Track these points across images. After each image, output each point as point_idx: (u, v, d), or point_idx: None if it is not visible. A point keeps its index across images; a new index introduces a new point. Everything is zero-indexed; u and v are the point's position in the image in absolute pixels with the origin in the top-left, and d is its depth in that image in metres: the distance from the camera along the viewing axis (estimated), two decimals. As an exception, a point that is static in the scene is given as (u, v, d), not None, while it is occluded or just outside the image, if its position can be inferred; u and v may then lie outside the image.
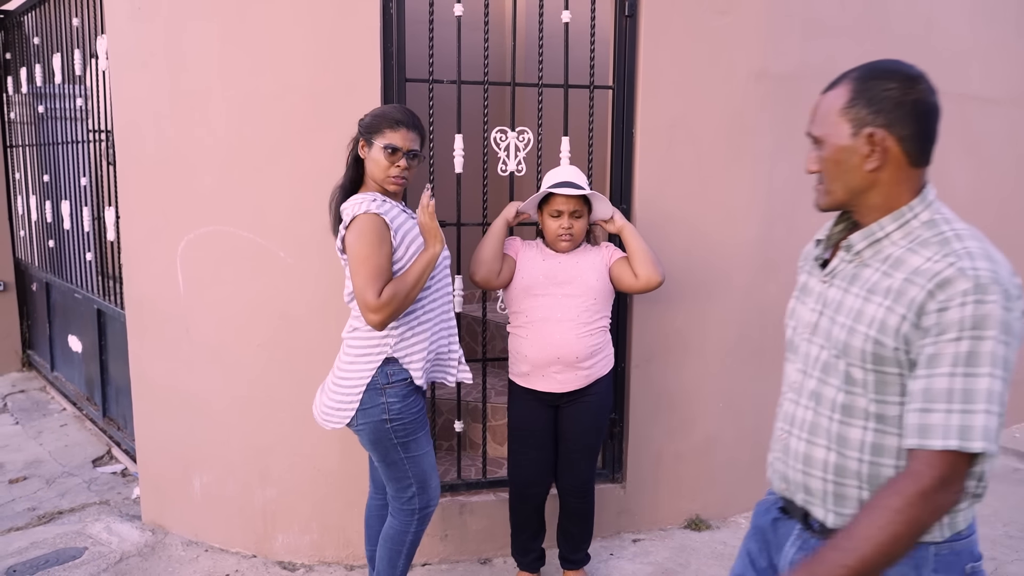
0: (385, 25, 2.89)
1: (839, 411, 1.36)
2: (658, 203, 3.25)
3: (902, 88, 1.31)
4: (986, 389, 1.19)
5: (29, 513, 3.56)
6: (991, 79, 4.47)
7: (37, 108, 5.14)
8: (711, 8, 3.25)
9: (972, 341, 1.19)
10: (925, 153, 1.35)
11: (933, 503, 1.19)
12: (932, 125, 1.34)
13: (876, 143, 1.31)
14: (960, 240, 1.28)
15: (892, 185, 1.34)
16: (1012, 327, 1.21)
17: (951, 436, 1.18)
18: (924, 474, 1.20)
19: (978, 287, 1.20)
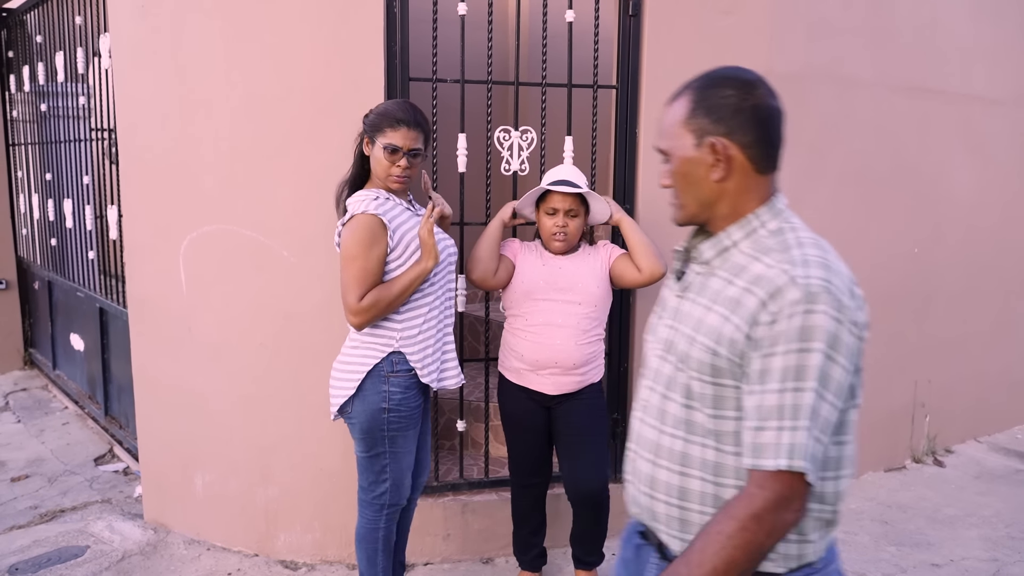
0: (389, 24, 2.88)
1: (681, 428, 1.29)
2: (661, 203, 3.22)
3: (739, 94, 1.27)
4: (809, 406, 1.13)
5: (31, 511, 3.56)
6: (996, 80, 4.46)
7: (39, 106, 5.14)
8: (715, 8, 3.24)
9: (799, 354, 1.14)
10: (771, 159, 1.31)
11: (768, 525, 1.13)
12: (774, 130, 1.30)
13: (719, 152, 1.27)
14: (800, 247, 1.23)
15: (739, 194, 1.30)
16: (841, 340, 1.15)
17: (781, 455, 1.13)
18: (757, 495, 1.14)
19: (808, 296, 1.15)
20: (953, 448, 4.58)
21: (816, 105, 3.63)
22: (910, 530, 3.55)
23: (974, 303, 4.60)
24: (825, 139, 3.69)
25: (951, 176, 4.34)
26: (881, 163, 3.97)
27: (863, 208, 3.92)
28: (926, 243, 4.25)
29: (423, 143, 2.43)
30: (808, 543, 1.26)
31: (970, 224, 4.48)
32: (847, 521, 3.62)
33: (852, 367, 1.19)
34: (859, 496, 3.91)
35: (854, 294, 1.21)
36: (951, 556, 3.32)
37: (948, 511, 3.76)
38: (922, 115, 4.11)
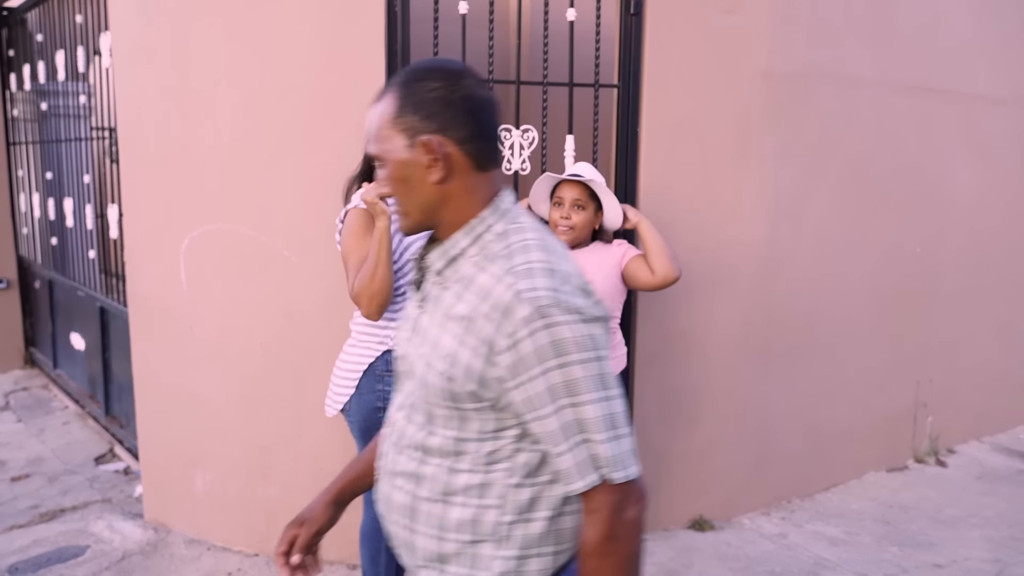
0: (390, 23, 2.88)
1: (419, 450, 1.22)
2: (663, 202, 3.23)
3: (447, 86, 1.17)
4: (597, 416, 1.09)
5: (31, 511, 3.56)
6: (998, 79, 4.45)
7: (40, 105, 5.14)
8: (717, 7, 3.23)
9: (561, 371, 1.08)
10: (490, 153, 1.21)
11: (624, 535, 1.11)
12: (489, 122, 1.21)
13: (435, 151, 1.16)
14: (524, 252, 1.14)
15: (462, 196, 1.20)
16: (593, 338, 1.10)
17: (585, 473, 1.10)
18: (592, 521, 1.11)
19: (539, 311, 1.07)
20: (955, 448, 4.57)
21: (817, 105, 3.62)
22: (912, 530, 3.54)
23: (977, 303, 4.59)
24: (826, 139, 3.68)
25: (953, 176, 4.33)
26: (883, 163, 3.96)
27: (865, 208, 3.91)
28: (928, 243, 4.25)
29: None
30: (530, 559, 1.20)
31: (972, 224, 4.47)
32: (849, 521, 3.61)
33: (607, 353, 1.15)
34: (861, 496, 3.90)
35: (587, 291, 1.14)
36: (953, 557, 3.31)
37: (950, 511, 3.75)
38: (924, 115, 4.10)
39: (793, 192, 3.58)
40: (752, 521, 3.60)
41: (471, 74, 1.20)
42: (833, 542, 3.41)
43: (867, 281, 3.97)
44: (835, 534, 3.48)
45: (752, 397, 3.60)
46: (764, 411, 3.67)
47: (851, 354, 3.97)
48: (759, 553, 3.30)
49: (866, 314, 4.00)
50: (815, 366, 3.83)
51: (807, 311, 3.74)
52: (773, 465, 3.73)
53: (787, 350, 3.69)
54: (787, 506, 3.77)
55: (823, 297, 3.80)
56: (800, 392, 3.79)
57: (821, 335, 3.82)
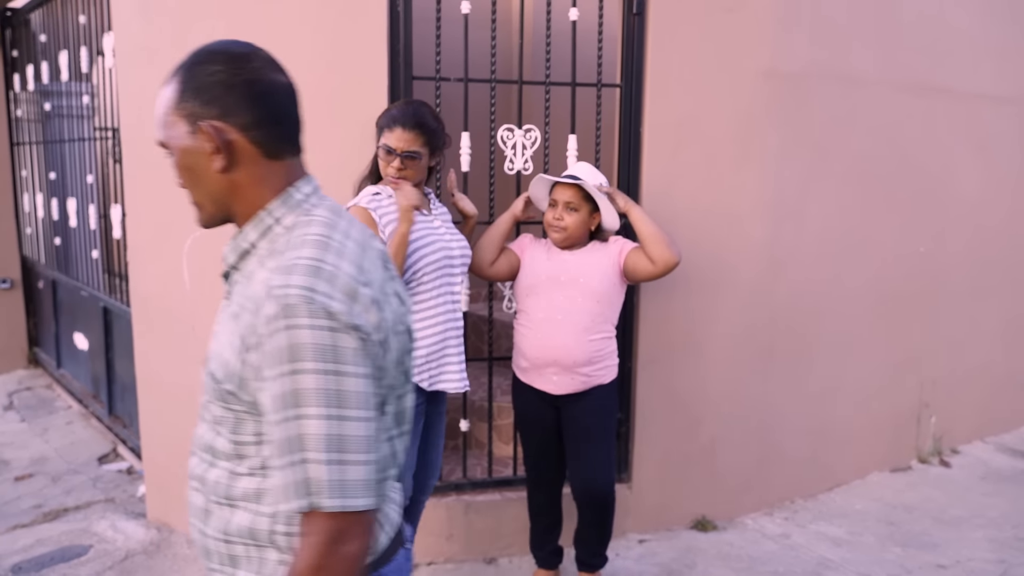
0: (392, 23, 2.88)
1: (206, 451, 1.17)
2: (665, 202, 3.23)
3: (229, 69, 1.10)
4: (320, 435, 1.00)
5: (35, 510, 3.56)
6: (1002, 78, 4.44)
7: (43, 105, 5.15)
8: (719, 6, 3.23)
9: (292, 377, 1.00)
10: (282, 140, 1.15)
11: (335, 568, 1.01)
12: (279, 106, 1.14)
13: (216, 137, 1.10)
14: (300, 248, 1.07)
15: (252, 186, 1.13)
16: (340, 350, 1.01)
17: (301, 495, 1.01)
18: (305, 544, 1.02)
19: (284, 310, 1.00)
20: (959, 448, 4.56)
21: (820, 104, 3.61)
22: (916, 531, 3.54)
23: (981, 302, 4.57)
24: (829, 138, 3.67)
25: (957, 175, 4.32)
26: (887, 162, 3.95)
27: (868, 208, 3.90)
28: (932, 242, 4.23)
29: (422, 145, 2.42)
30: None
31: (977, 223, 4.46)
32: (852, 521, 3.60)
33: (367, 371, 1.05)
34: (865, 497, 3.89)
35: (358, 296, 1.06)
36: (957, 557, 3.30)
37: (954, 512, 3.74)
38: (928, 114, 4.09)
39: (796, 191, 3.58)
40: (755, 521, 3.60)
41: (260, 57, 1.13)
42: (836, 542, 3.40)
43: (870, 281, 3.96)
44: (838, 534, 3.47)
45: (755, 397, 3.60)
46: (767, 411, 3.66)
47: (854, 354, 3.96)
48: (762, 553, 3.30)
49: (869, 314, 3.99)
50: (818, 366, 3.82)
51: (810, 311, 3.73)
52: (776, 465, 3.72)
53: (790, 350, 3.68)
54: (790, 506, 3.76)
55: (826, 297, 3.79)
56: (803, 392, 3.78)
57: (824, 335, 3.81)
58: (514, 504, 3.20)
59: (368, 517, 1.04)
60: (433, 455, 2.66)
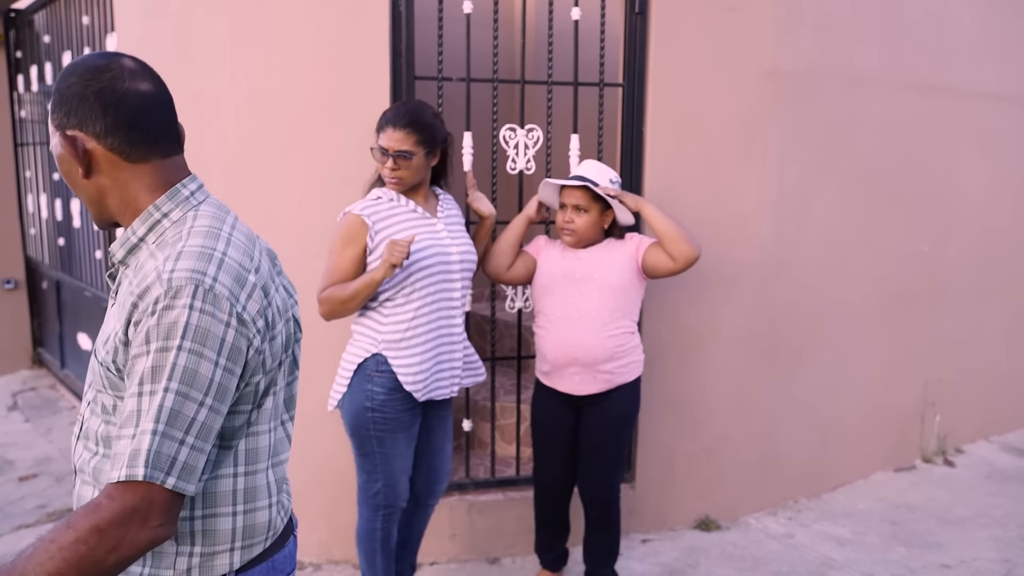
0: (394, 23, 2.88)
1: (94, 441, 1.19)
2: (668, 201, 3.22)
3: (81, 80, 1.14)
4: (160, 407, 1.02)
5: (39, 511, 3.57)
6: (1006, 77, 4.42)
7: (47, 106, 5.15)
8: (722, 5, 3.22)
9: (159, 354, 1.03)
10: (141, 144, 1.17)
11: (112, 540, 1.00)
12: (133, 114, 1.15)
13: (74, 146, 1.15)
14: (188, 238, 1.12)
15: (118, 188, 1.18)
16: (212, 335, 1.05)
17: (127, 464, 1.01)
18: (103, 506, 1.01)
19: (169, 291, 1.05)
20: (963, 448, 4.55)
21: (824, 103, 3.61)
22: (920, 531, 3.53)
23: (985, 301, 4.56)
24: (833, 137, 3.66)
25: (961, 174, 4.31)
26: (890, 161, 3.94)
27: (872, 207, 3.89)
28: (936, 241, 4.22)
29: (415, 144, 2.39)
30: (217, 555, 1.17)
31: (981, 222, 4.44)
32: (856, 521, 3.59)
33: (234, 365, 1.09)
34: (868, 496, 3.88)
35: (245, 282, 1.11)
36: (961, 557, 3.29)
37: (958, 511, 3.73)
38: (932, 112, 4.08)
39: (799, 191, 3.57)
40: (758, 521, 3.59)
41: (118, 67, 1.15)
42: (840, 542, 3.40)
43: (874, 280, 3.95)
44: (842, 534, 3.47)
45: (758, 396, 3.59)
46: (770, 410, 3.66)
47: (858, 353, 3.96)
48: (765, 553, 3.29)
49: (873, 313, 3.98)
50: (821, 365, 3.82)
51: (813, 310, 3.72)
52: (779, 465, 3.72)
53: (793, 349, 3.68)
54: (794, 506, 3.76)
55: (829, 296, 3.78)
56: (806, 391, 3.78)
57: (827, 334, 3.81)
58: (517, 504, 3.20)
59: (174, 508, 1.04)
60: (439, 460, 2.64)
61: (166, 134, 1.21)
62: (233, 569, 1.18)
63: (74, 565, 0.99)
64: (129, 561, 1.04)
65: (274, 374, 1.20)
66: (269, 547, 1.23)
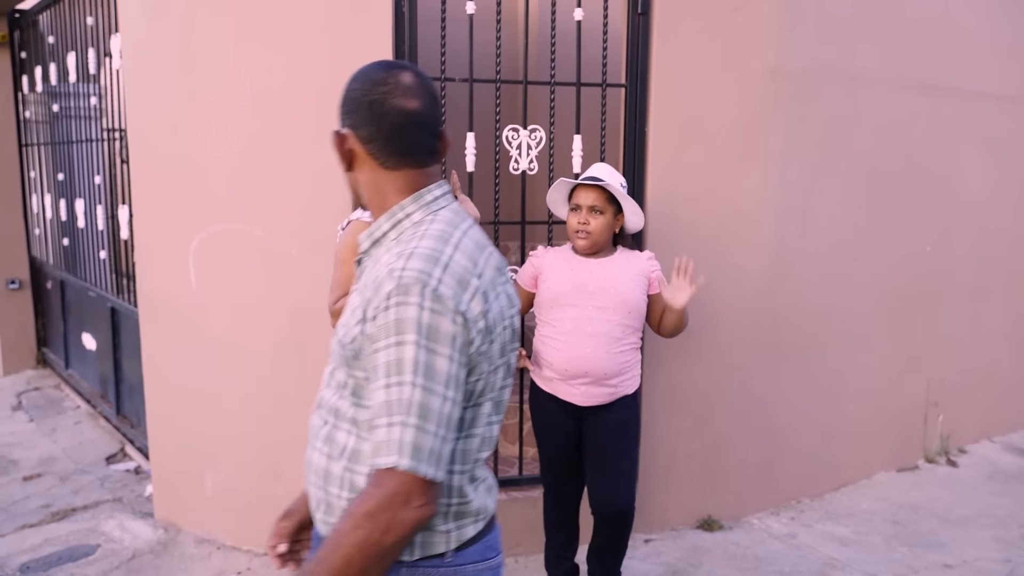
0: (397, 23, 2.88)
1: (331, 414, 1.30)
2: (670, 201, 3.23)
3: (362, 87, 1.27)
4: (410, 401, 1.11)
5: (43, 510, 3.59)
6: (1008, 77, 4.42)
7: (52, 107, 5.17)
8: (725, 5, 3.23)
9: (396, 348, 1.13)
10: (395, 156, 1.28)
11: (384, 523, 1.10)
12: (394, 128, 1.26)
13: (343, 143, 1.29)
14: (420, 239, 1.21)
15: (372, 186, 1.30)
16: (439, 331, 1.13)
17: (391, 452, 1.11)
18: (372, 494, 1.12)
19: (399, 288, 1.13)
20: (966, 448, 4.55)
21: (826, 102, 3.61)
22: (922, 530, 3.53)
23: (987, 301, 4.56)
24: (835, 137, 3.66)
25: (963, 174, 4.30)
26: (892, 161, 3.94)
27: (874, 207, 3.89)
28: (938, 241, 4.22)
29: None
30: (436, 532, 1.25)
31: (983, 222, 4.44)
32: (859, 521, 3.60)
33: (464, 359, 1.16)
34: (871, 496, 3.88)
35: (468, 285, 1.18)
36: (964, 557, 3.29)
37: (961, 511, 3.73)
38: (934, 112, 4.08)
39: (801, 191, 3.57)
40: (761, 521, 3.59)
41: (395, 83, 1.25)
42: (843, 542, 3.40)
43: (876, 280, 3.95)
44: (844, 534, 3.47)
45: (760, 396, 3.59)
46: (773, 410, 3.66)
47: (860, 353, 3.96)
48: (768, 553, 3.29)
49: (875, 313, 3.98)
50: (824, 365, 3.82)
51: (815, 310, 3.72)
52: (782, 465, 3.72)
53: (795, 349, 3.68)
54: (796, 506, 3.76)
55: (832, 296, 3.78)
56: (809, 391, 3.78)
57: (830, 334, 3.81)
58: (520, 503, 3.20)
59: (432, 491, 1.13)
60: None
61: (421, 149, 1.30)
62: (449, 549, 1.26)
63: (358, 549, 1.11)
64: (404, 540, 1.12)
65: (490, 378, 1.25)
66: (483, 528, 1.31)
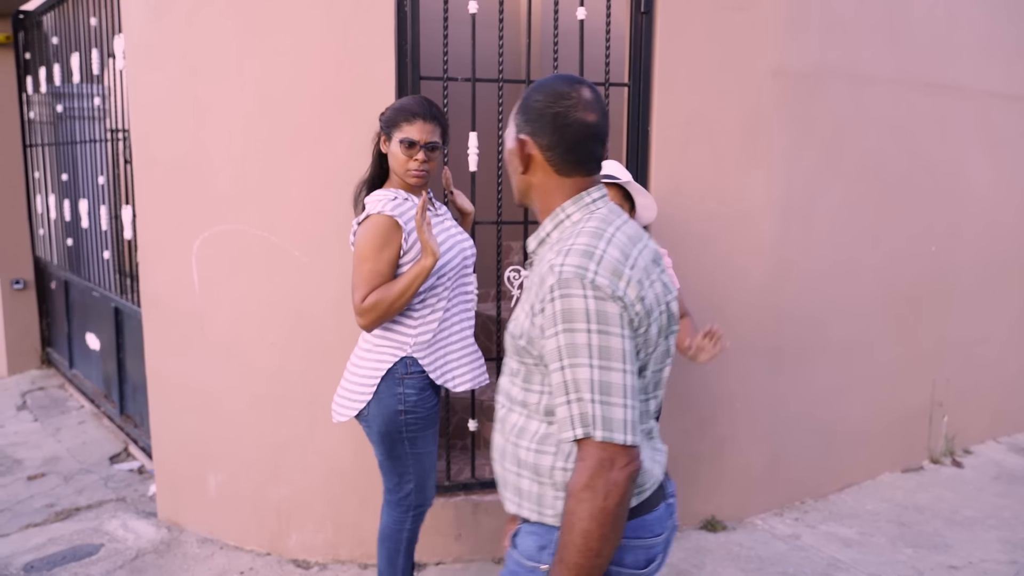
0: (400, 23, 2.88)
1: (505, 398, 1.48)
2: (673, 201, 3.22)
3: (546, 99, 1.40)
4: (589, 379, 1.25)
5: (47, 510, 3.59)
6: (1013, 76, 4.40)
7: (56, 107, 5.19)
8: (728, 5, 3.22)
9: (567, 334, 1.27)
10: (571, 164, 1.42)
11: (601, 489, 1.24)
12: (575, 138, 1.41)
13: (522, 149, 1.43)
14: (577, 236, 1.35)
15: (544, 190, 1.44)
16: (606, 314, 1.27)
17: (576, 426, 1.26)
18: (579, 467, 1.26)
19: (561, 282, 1.28)
20: (972, 449, 4.53)
21: (830, 102, 3.60)
22: (927, 532, 3.51)
23: (993, 302, 4.54)
24: (839, 137, 3.65)
25: (968, 174, 4.29)
26: (897, 161, 3.92)
27: (879, 206, 3.88)
28: (944, 241, 4.21)
29: (440, 136, 2.39)
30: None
31: (988, 222, 4.42)
32: (863, 522, 3.58)
33: (631, 333, 1.30)
34: (876, 497, 3.87)
35: (621, 275, 1.31)
36: (969, 558, 3.28)
37: (966, 512, 3.71)
38: (938, 112, 4.07)
39: (805, 190, 3.56)
40: (765, 522, 3.58)
41: (577, 97, 1.40)
42: (847, 543, 3.39)
43: (881, 280, 3.94)
44: (849, 535, 3.46)
45: (764, 396, 3.58)
46: (776, 411, 3.65)
47: (865, 353, 3.94)
48: (771, 554, 3.28)
49: (880, 313, 3.97)
50: (828, 365, 3.80)
51: (819, 310, 3.71)
52: (786, 465, 3.71)
53: (799, 349, 3.67)
54: (800, 507, 3.75)
55: (836, 296, 3.77)
56: (813, 392, 3.77)
57: (834, 334, 3.79)
58: (522, 504, 3.20)
59: (631, 451, 1.27)
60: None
61: (592, 158, 1.45)
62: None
63: (590, 520, 1.24)
64: (624, 500, 1.26)
65: (650, 357, 1.39)
66: (639, 506, 1.40)
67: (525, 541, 1.42)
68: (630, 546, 1.39)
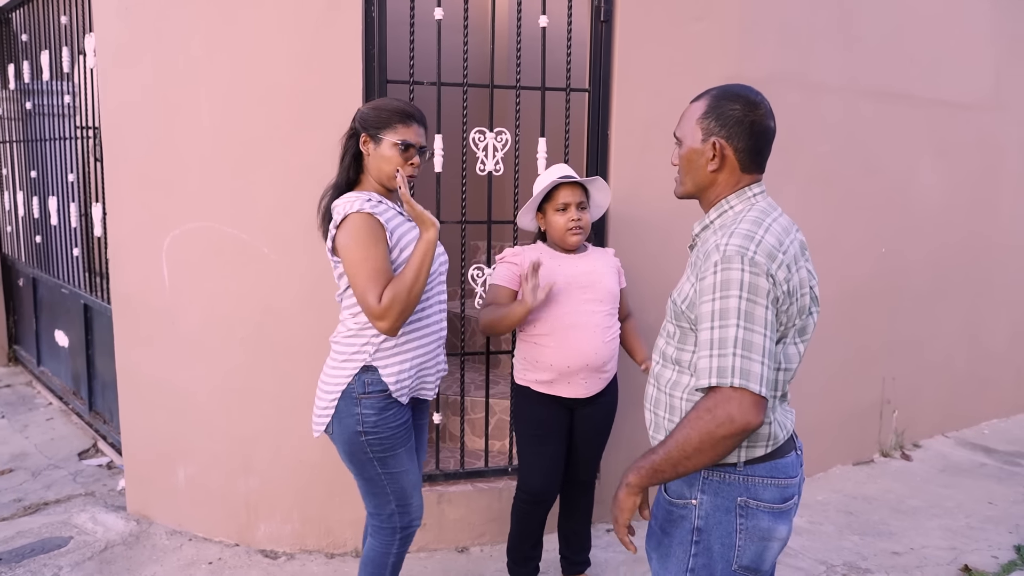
0: (367, 27, 2.96)
1: (659, 356, 1.73)
2: (633, 204, 3.34)
3: (744, 110, 1.63)
4: (734, 337, 1.46)
5: (15, 504, 3.62)
6: (962, 85, 4.58)
7: (25, 104, 5.18)
8: (687, 14, 3.34)
9: (722, 300, 1.49)
10: (755, 163, 1.68)
11: (722, 416, 1.43)
12: (763, 142, 1.67)
13: (717, 150, 1.65)
14: (738, 223, 1.58)
15: (725, 185, 1.68)
16: (757, 287, 1.48)
17: (712, 376, 1.46)
18: (711, 396, 1.47)
19: (724, 258, 1.50)
20: (921, 443, 4.70)
21: (785, 108, 3.72)
22: (874, 520, 3.66)
23: (941, 302, 4.72)
24: (793, 142, 3.78)
25: (918, 179, 4.46)
26: (849, 166, 4.08)
27: (831, 209, 4.03)
28: (893, 244, 4.37)
29: (426, 139, 2.32)
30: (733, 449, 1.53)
31: (937, 225, 4.60)
32: (813, 511, 3.72)
33: (775, 307, 1.51)
34: (826, 488, 4.02)
35: (774, 257, 1.52)
36: (911, 545, 3.43)
37: (912, 502, 3.87)
38: (889, 119, 4.23)
39: (760, 193, 3.68)
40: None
41: (765, 107, 1.65)
42: (797, 531, 3.52)
43: (833, 281, 4.08)
44: (798, 523, 3.59)
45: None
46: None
47: (818, 351, 4.08)
48: (725, 542, 3.40)
49: (832, 312, 4.11)
50: (782, 362, 3.93)
51: (774, 309, 3.83)
52: (741, 458, 3.82)
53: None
54: (755, 498, 3.87)
55: (790, 295, 3.89)
56: (768, 387, 3.89)
57: (788, 332, 3.92)
58: (486, 495, 3.30)
59: (760, 403, 1.45)
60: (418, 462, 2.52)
61: (765, 159, 1.70)
62: (741, 460, 1.60)
63: (696, 432, 1.46)
64: (732, 439, 1.45)
65: (790, 330, 1.58)
66: (771, 452, 1.62)
67: (673, 483, 1.65)
68: (768, 484, 1.61)
